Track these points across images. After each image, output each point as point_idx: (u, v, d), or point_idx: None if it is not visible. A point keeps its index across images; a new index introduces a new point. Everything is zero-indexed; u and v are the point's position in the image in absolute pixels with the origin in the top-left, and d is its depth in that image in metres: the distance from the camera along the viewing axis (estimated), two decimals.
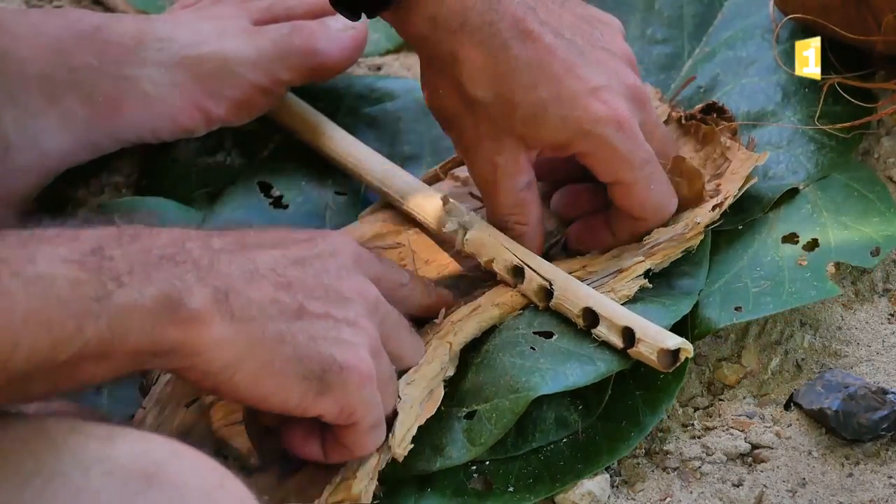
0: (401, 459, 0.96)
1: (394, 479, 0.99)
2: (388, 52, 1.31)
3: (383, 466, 0.95)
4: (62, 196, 1.20)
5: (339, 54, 1.18)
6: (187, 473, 0.79)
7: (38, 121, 1.13)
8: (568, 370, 1.01)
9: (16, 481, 0.76)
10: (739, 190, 1.11)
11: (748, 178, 1.11)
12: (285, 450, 0.95)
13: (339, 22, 1.20)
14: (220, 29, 1.17)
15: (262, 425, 0.96)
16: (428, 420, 0.99)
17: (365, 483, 0.94)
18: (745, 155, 1.12)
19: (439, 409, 1.01)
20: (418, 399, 0.98)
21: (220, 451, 0.98)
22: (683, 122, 1.15)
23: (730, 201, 1.10)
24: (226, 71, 1.15)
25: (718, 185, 1.11)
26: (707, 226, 1.09)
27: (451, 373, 1.02)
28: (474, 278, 1.09)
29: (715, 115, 1.15)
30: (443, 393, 1.00)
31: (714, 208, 1.09)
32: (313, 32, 1.18)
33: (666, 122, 1.16)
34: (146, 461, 0.78)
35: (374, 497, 0.98)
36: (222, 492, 0.80)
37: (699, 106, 1.16)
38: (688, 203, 1.10)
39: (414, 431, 0.97)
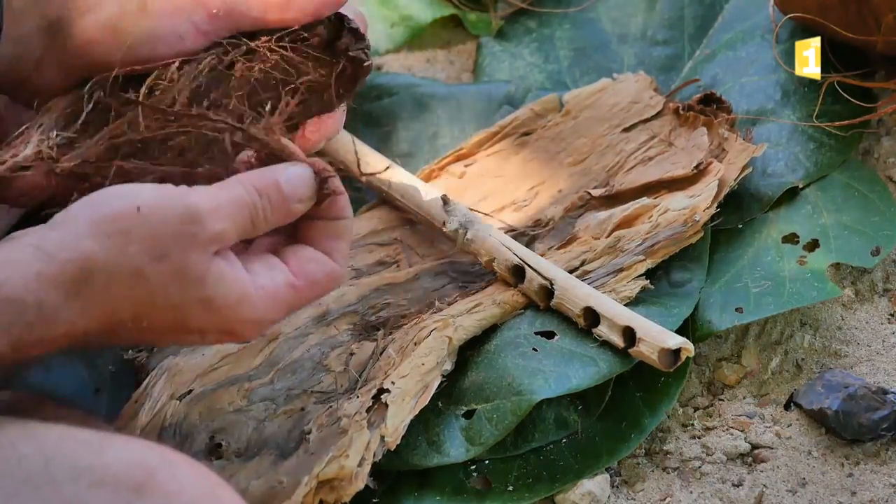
0: (392, 448, 0.96)
1: (391, 473, 1.00)
2: (387, 52, 1.31)
3: (379, 458, 0.96)
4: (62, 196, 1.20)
5: None
6: (179, 481, 0.78)
7: None
8: (570, 372, 1.01)
9: (5, 490, 0.75)
10: (735, 180, 1.11)
11: (744, 168, 1.11)
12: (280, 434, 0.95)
13: None
14: None
15: None
16: (425, 415, 1.00)
17: (356, 461, 0.94)
18: (742, 146, 1.13)
19: (437, 405, 1.01)
20: (412, 392, 0.99)
21: (215, 439, 0.98)
22: (681, 112, 1.15)
23: (726, 191, 1.10)
24: None
25: (711, 163, 1.11)
26: (706, 223, 1.09)
27: (449, 367, 1.02)
28: (473, 273, 1.09)
29: (714, 107, 1.15)
30: (437, 385, 1.00)
31: (712, 201, 1.09)
32: None
33: (662, 113, 1.16)
34: (137, 470, 0.77)
35: (373, 494, 0.98)
36: (214, 500, 0.79)
37: (697, 96, 1.16)
38: None
39: (407, 423, 0.97)
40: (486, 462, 1.01)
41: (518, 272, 1.06)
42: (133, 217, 0.83)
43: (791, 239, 1.12)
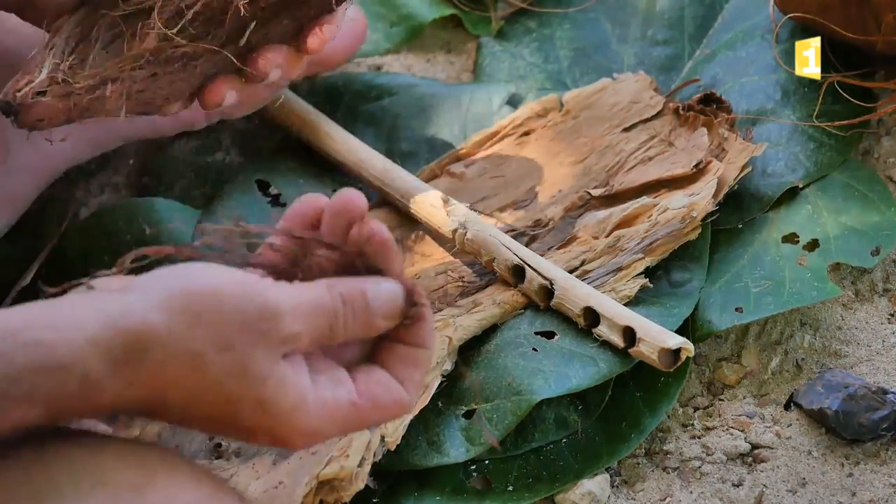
0: (392, 448, 0.96)
1: (391, 473, 0.99)
2: (387, 52, 1.31)
3: (379, 458, 0.96)
4: (62, 196, 1.20)
5: (339, 44, 1.18)
6: (178, 484, 0.78)
7: None
8: (570, 372, 1.01)
9: (5, 493, 0.75)
10: (735, 180, 1.11)
11: (744, 168, 1.11)
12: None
13: None
14: None
15: None
16: (425, 415, 0.99)
17: (356, 461, 0.94)
18: (742, 146, 1.13)
19: (437, 405, 1.01)
20: None
21: (215, 438, 0.98)
22: (681, 112, 1.15)
23: (725, 190, 1.10)
24: None
25: (710, 162, 1.11)
26: (704, 219, 1.09)
27: (449, 368, 1.02)
28: (473, 273, 1.09)
29: (714, 107, 1.15)
30: (437, 385, 1.00)
31: (711, 198, 1.09)
32: None
33: (662, 112, 1.16)
34: (137, 472, 0.77)
35: (373, 494, 0.98)
36: (214, 501, 0.79)
37: (697, 96, 1.16)
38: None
39: (407, 423, 0.97)
40: (486, 462, 1.01)
41: (518, 272, 1.06)
42: (209, 300, 0.79)
43: (791, 239, 1.12)
